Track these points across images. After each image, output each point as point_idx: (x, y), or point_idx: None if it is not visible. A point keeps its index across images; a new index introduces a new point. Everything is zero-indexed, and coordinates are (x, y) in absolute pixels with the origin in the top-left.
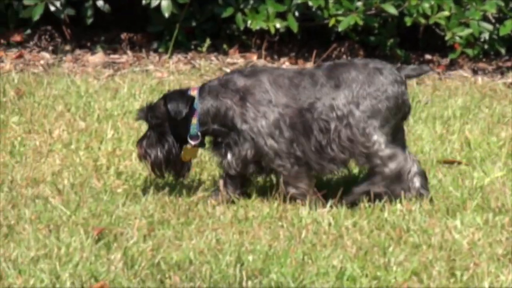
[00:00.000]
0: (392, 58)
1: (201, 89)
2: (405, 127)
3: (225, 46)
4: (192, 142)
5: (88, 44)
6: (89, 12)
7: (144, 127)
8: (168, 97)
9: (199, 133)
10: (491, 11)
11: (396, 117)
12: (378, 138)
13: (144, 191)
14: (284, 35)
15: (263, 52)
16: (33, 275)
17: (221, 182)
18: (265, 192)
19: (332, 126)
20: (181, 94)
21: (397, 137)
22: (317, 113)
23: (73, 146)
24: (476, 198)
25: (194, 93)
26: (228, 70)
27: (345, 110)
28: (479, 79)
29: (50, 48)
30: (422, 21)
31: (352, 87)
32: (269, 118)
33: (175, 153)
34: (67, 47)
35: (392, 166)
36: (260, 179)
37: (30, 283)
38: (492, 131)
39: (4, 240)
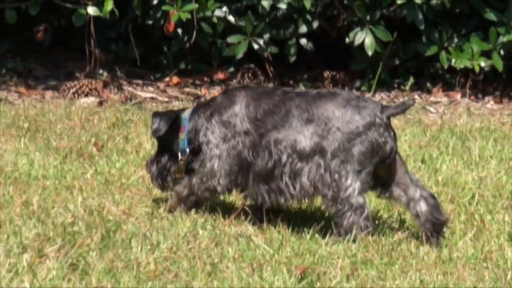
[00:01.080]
0: None
1: (194, 107)
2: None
3: (428, 84)
4: (181, 157)
5: (291, 81)
6: (292, 50)
7: None
8: (152, 115)
9: (187, 149)
10: None
11: (372, 162)
12: (352, 183)
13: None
14: (489, 74)
15: (467, 91)
16: None
17: None
18: (465, 232)
19: (287, 159)
20: (166, 112)
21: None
22: (276, 143)
23: None
24: None
25: (187, 111)
26: (431, 109)
27: (310, 148)
28: None
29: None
30: None
31: (324, 124)
32: (225, 142)
33: (168, 168)
34: (270, 85)
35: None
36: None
37: None
38: None
39: (208, 278)
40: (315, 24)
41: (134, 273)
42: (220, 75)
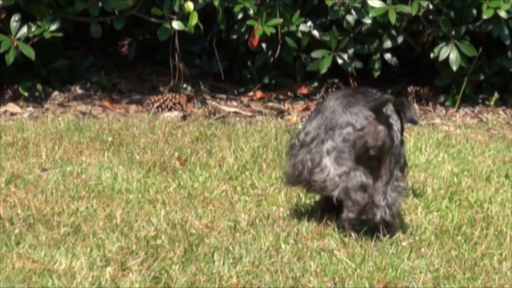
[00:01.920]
0: None
1: None
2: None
3: None
4: None
5: None
6: (377, 65)
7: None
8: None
9: None
10: None
11: (363, 157)
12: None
13: (429, 245)
14: None
15: None
16: None
17: None
18: None
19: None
20: None
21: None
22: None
23: None
24: None
25: None
26: None
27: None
28: None
29: None
30: None
31: (324, 116)
32: None
33: None
34: None
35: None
36: None
37: None
38: None
39: None
40: (400, 39)
41: (217, 286)
42: (304, 90)
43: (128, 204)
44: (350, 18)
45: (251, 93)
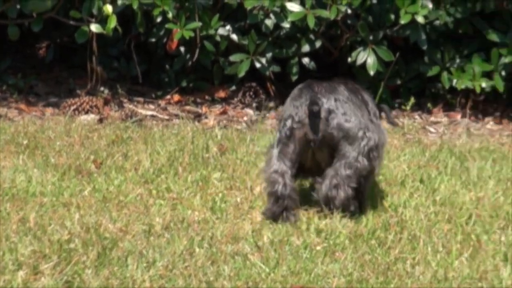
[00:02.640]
0: None
1: None
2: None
3: (429, 104)
4: None
5: None
6: (295, 69)
7: None
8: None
9: None
10: None
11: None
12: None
13: (343, 249)
14: (490, 95)
15: (468, 111)
16: None
17: None
18: (461, 252)
19: None
20: None
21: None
22: None
23: None
24: None
25: None
26: (431, 129)
27: None
28: None
29: (254, 104)
30: None
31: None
32: None
33: None
34: (271, 104)
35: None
36: None
37: None
38: None
39: None
40: (318, 44)
41: None
42: (222, 93)
43: (42, 208)
44: (269, 22)
45: (168, 97)
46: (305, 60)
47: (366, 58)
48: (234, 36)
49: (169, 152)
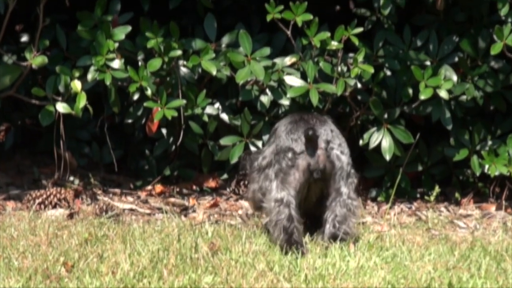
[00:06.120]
0: None
1: None
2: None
3: (457, 194)
4: None
5: None
6: None
7: None
8: None
9: None
10: None
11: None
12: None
13: None
14: None
15: (503, 202)
16: None
17: None
18: None
19: None
20: None
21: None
22: None
23: None
24: None
25: None
26: (460, 224)
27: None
28: None
29: None
30: None
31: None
32: None
33: None
34: None
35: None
36: None
37: None
38: None
39: None
40: None
41: None
42: (212, 183)
43: None
44: (265, 99)
45: (149, 187)
46: None
47: (380, 140)
48: (225, 116)
49: (152, 252)
